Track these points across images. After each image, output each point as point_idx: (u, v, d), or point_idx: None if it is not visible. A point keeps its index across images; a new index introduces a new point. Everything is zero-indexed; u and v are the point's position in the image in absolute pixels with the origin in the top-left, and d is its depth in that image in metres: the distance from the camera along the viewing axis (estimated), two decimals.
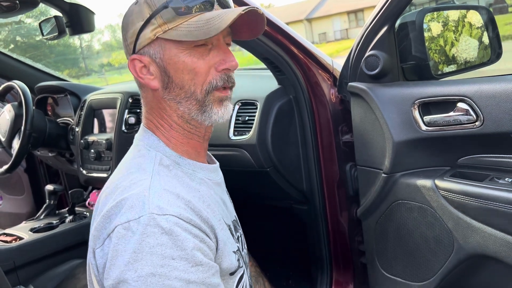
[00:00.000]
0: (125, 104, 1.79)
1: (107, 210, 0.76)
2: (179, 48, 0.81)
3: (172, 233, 0.72)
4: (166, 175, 0.81)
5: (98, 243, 0.76)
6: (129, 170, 0.82)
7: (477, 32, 1.43)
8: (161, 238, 0.71)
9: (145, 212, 0.73)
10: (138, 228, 0.71)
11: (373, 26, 1.26)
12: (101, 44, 35.46)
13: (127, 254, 0.71)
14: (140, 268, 0.70)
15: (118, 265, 0.71)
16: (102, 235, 0.76)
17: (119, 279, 0.71)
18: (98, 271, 0.76)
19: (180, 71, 0.81)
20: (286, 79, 1.47)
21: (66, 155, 2.16)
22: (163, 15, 0.79)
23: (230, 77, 0.85)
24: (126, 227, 0.72)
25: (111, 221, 0.75)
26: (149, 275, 0.70)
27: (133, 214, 0.73)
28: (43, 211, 1.93)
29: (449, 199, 1.13)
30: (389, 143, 1.22)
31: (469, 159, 1.17)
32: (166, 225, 0.72)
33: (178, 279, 0.71)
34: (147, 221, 0.72)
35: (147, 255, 0.70)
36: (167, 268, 0.71)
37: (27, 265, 1.59)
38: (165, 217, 0.73)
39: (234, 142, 1.51)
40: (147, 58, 0.83)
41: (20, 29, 11.65)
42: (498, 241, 1.05)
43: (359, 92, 1.30)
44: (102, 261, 0.75)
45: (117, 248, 0.72)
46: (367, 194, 1.34)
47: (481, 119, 1.07)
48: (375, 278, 1.40)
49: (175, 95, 0.83)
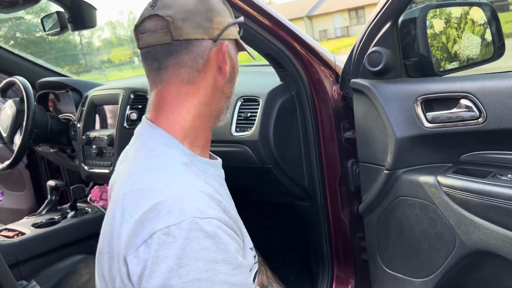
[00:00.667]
0: (127, 100, 1.79)
1: (140, 216, 0.72)
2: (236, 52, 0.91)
3: (216, 236, 0.71)
4: (190, 174, 0.79)
5: (130, 250, 0.72)
6: (151, 171, 0.78)
7: (479, 29, 1.43)
8: (205, 242, 0.70)
9: (186, 216, 0.70)
10: (180, 233, 0.69)
11: (376, 22, 1.26)
12: (101, 41, 35.40)
13: (170, 261, 0.68)
14: (185, 274, 0.68)
15: (161, 272, 0.68)
16: (135, 241, 0.72)
17: (162, 286, 0.68)
18: (130, 279, 0.72)
19: (236, 72, 0.91)
20: (288, 76, 1.47)
21: (68, 151, 2.16)
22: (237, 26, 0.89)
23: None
24: (166, 233, 0.69)
25: (145, 227, 0.71)
26: (195, 281, 0.68)
27: (172, 219, 0.70)
28: (44, 206, 1.93)
29: (451, 196, 1.14)
30: (391, 140, 1.23)
31: (472, 156, 1.18)
32: (210, 228, 0.71)
33: (222, 283, 0.70)
34: (189, 225, 0.70)
35: (191, 261, 0.68)
36: (212, 273, 0.69)
37: (29, 260, 1.59)
38: (207, 220, 0.71)
39: (236, 138, 1.51)
40: (226, 50, 0.86)
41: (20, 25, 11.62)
42: (500, 237, 1.06)
43: (361, 89, 1.30)
44: (137, 269, 0.71)
45: (158, 255, 0.69)
46: (369, 191, 1.35)
47: (484, 116, 1.08)
48: (376, 274, 1.40)
49: (229, 91, 0.89)
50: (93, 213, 1.84)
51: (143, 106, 1.78)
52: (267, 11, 1.32)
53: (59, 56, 16.81)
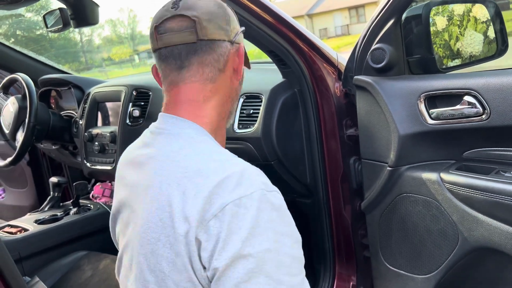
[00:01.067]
0: (129, 97, 1.79)
1: (208, 193, 0.72)
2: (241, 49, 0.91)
3: (280, 209, 0.74)
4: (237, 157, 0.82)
5: (200, 228, 0.71)
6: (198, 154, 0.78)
7: (482, 26, 1.43)
8: (272, 214, 0.72)
9: (256, 188, 0.73)
10: (253, 204, 0.71)
11: (380, 19, 1.26)
12: (102, 39, 35.36)
13: (243, 231, 0.69)
14: (258, 243, 0.69)
15: (235, 242, 0.69)
16: (204, 218, 0.71)
17: (236, 256, 0.69)
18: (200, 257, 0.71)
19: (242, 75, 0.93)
20: (291, 72, 1.47)
21: (70, 148, 2.16)
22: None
23: None
24: (238, 204, 0.71)
25: (213, 202, 0.71)
26: (266, 251, 0.69)
27: (243, 191, 0.72)
28: (47, 203, 1.94)
29: (455, 192, 1.14)
30: (394, 136, 1.23)
31: (475, 153, 1.18)
32: (276, 201, 0.74)
33: (287, 255, 0.72)
34: (259, 196, 0.72)
35: (263, 230, 0.70)
36: (279, 244, 0.71)
37: (32, 256, 1.60)
38: (273, 193, 0.74)
39: (239, 135, 1.51)
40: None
41: (20, 22, 11.61)
42: (503, 234, 1.06)
43: (364, 85, 1.30)
44: (209, 244, 0.71)
45: (231, 226, 0.70)
46: (372, 188, 1.35)
47: (487, 112, 1.08)
48: (378, 271, 1.41)
49: (238, 92, 0.93)
50: (95, 210, 1.85)
51: (145, 103, 1.79)
52: (270, 7, 1.32)
53: (59, 53, 16.80)
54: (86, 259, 1.55)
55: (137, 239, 0.79)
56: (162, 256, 0.75)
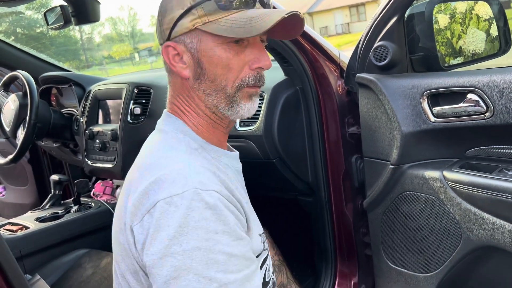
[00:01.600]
0: (131, 94, 1.79)
1: (145, 186, 0.76)
2: (216, 41, 0.81)
3: (216, 208, 0.73)
4: (197, 155, 0.83)
5: (136, 220, 0.76)
6: (160, 150, 0.83)
7: (484, 24, 1.42)
8: (205, 213, 0.72)
9: (189, 187, 0.73)
10: (183, 203, 0.72)
11: (383, 16, 1.25)
12: (102, 37, 35.32)
13: (171, 229, 0.71)
14: (185, 242, 0.70)
15: (162, 239, 0.71)
16: (140, 211, 0.75)
17: (163, 254, 0.71)
18: (136, 247, 0.76)
19: (214, 65, 0.82)
20: (293, 70, 1.47)
21: (70, 145, 2.16)
22: (205, 6, 0.79)
23: (262, 76, 0.85)
24: (169, 202, 0.72)
25: (149, 197, 0.75)
26: (195, 249, 0.70)
27: (176, 189, 0.73)
28: (48, 201, 1.93)
29: (458, 191, 1.14)
30: (397, 134, 1.22)
31: (478, 151, 1.17)
32: (210, 200, 0.73)
33: (221, 253, 0.72)
34: (191, 195, 0.72)
35: (192, 229, 0.71)
36: (212, 242, 0.71)
37: (33, 254, 1.59)
38: (208, 192, 0.74)
39: (241, 133, 1.51)
40: (182, 47, 0.83)
41: (20, 20, 11.59)
42: (506, 232, 1.06)
43: (367, 83, 1.30)
44: (141, 237, 0.74)
45: (159, 223, 0.72)
46: (374, 186, 1.34)
47: (491, 110, 1.07)
48: (380, 269, 1.40)
49: (206, 87, 0.84)
50: (96, 208, 1.84)
51: (146, 100, 1.78)
52: (272, 5, 1.31)
53: (59, 51, 16.78)
54: (87, 257, 1.55)
55: (113, 227, 0.85)
56: (119, 243, 0.81)
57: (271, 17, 0.78)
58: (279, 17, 0.78)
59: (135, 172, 0.82)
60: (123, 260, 0.81)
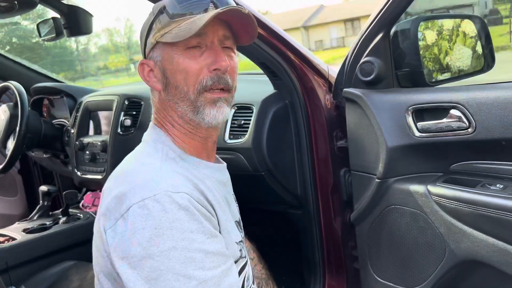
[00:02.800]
0: (121, 106, 1.80)
1: (118, 191, 0.78)
2: (174, 50, 0.85)
3: (188, 208, 0.76)
4: (173, 164, 0.85)
5: (109, 224, 0.78)
6: (137, 158, 0.86)
7: (470, 41, 1.45)
8: (179, 214, 0.74)
9: (160, 190, 0.75)
10: (155, 205, 0.74)
11: (369, 33, 1.28)
12: (98, 48, 35.38)
13: (147, 231, 0.73)
14: (162, 243, 0.72)
15: (139, 242, 0.73)
16: (113, 215, 0.77)
17: (142, 256, 0.72)
18: (109, 250, 0.78)
19: (174, 72, 0.86)
20: (282, 84, 1.49)
21: (61, 156, 2.15)
22: (161, 20, 0.85)
23: (222, 78, 0.86)
24: (142, 206, 0.75)
25: (123, 202, 0.76)
26: (171, 249, 0.72)
27: (147, 193, 0.75)
28: (36, 212, 1.92)
29: (442, 205, 1.15)
30: (382, 149, 1.24)
31: (462, 165, 1.19)
32: (182, 201, 0.76)
33: (198, 251, 0.74)
34: (163, 198, 0.75)
35: (167, 230, 0.73)
36: (187, 241, 0.73)
37: (19, 265, 1.58)
38: (179, 195, 0.76)
39: (229, 145, 1.51)
40: (151, 62, 0.89)
41: (16, 30, 11.60)
42: (489, 246, 1.07)
43: (354, 98, 1.31)
44: (113, 241, 0.76)
45: (135, 226, 0.74)
46: (361, 199, 1.35)
47: (473, 126, 1.09)
48: (367, 282, 1.41)
49: (173, 96, 0.88)
50: (85, 219, 1.83)
51: (137, 112, 1.79)
52: (262, 21, 1.33)
53: (55, 62, 16.78)
54: (74, 269, 1.54)
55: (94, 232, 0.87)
56: (96, 246, 0.84)
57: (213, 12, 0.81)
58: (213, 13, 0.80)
59: (112, 178, 0.85)
60: (98, 262, 0.83)
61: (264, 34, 1.35)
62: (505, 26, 13.66)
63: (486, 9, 19.10)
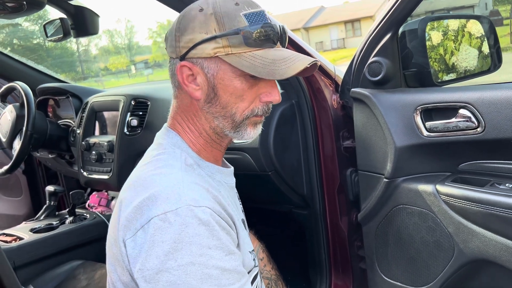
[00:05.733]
0: (128, 106, 1.80)
1: (139, 202, 0.77)
2: (234, 73, 0.83)
3: (209, 224, 0.75)
4: (192, 172, 0.84)
5: (129, 234, 0.77)
6: (155, 165, 0.83)
7: (476, 41, 1.46)
8: (199, 229, 0.74)
9: (182, 204, 0.75)
10: (176, 219, 0.74)
11: (377, 32, 1.28)
12: (99, 49, 35.43)
13: (166, 245, 0.73)
14: (180, 257, 0.72)
15: (157, 255, 0.73)
16: (133, 226, 0.77)
17: (158, 269, 0.72)
18: (128, 260, 0.77)
19: (229, 93, 0.84)
20: (289, 84, 1.49)
21: (66, 157, 2.16)
22: (231, 39, 0.80)
23: (270, 108, 0.89)
24: (163, 219, 0.74)
25: (143, 213, 0.76)
26: (189, 264, 0.72)
27: (169, 206, 0.75)
28: (43, 211, 1.93)
29: (450, 204, 1.15)
30: (391, 148, 1.24)
31: (470, 165, 1.19)
32: (203, 216, 0.75)
33: (215, 268, 0.74)
34: (185, 212, 0.74)
35: (186, 245, 0.73)
36: (205, 257, 0.73)
37: (27, 265, 1.59)
38: (201, 209, 0.76)
39: (237, 145, 1.52)
40: (197, 69, 0.84)
41: (17, 32, 11.62)
42: (498, 245, 1.07)
43: (362, 98, 1.32)
44: (133, 252, 0.76)
45: (154, 239, 0.73)
46: (368, 199, 1.36)
47: (482, 125, 1.09)
48: (374, 282, 1.41)
49: (215, 111, 0.86)
50: (91, 219, 1.84)
51: (143, 112, 1.79)
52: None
53: (56, 63, 16.80)
54: (82, 268, 1.54)
55: (108, 237, 0.87)
56: (112, 253, 0.83)
57: (295, 64, 0.81)
58: (303, 66, 0.81)
59: (131, 185, 0.84)
60: (115, 270, 0.83)
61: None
62: (506, 27, 13.68)
63: (486, 11, 19.13)
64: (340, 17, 33.29)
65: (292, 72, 0.81)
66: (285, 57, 0.82)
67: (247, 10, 0.82)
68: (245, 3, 0.83)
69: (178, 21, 0.85)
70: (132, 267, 0.76)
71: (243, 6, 0.82)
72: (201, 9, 0.83)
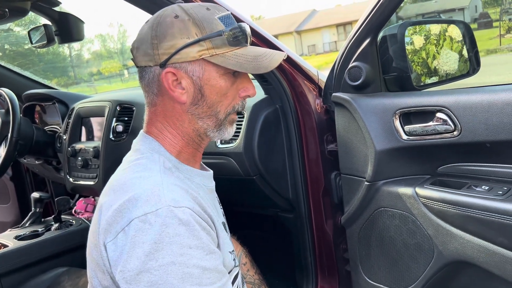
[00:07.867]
0: (113, 112, 1.80)
1: (119, 205, 0.78)
2: (218, 72, 0.86)
3: (189, 223, 0.77)
4: (171, 175, 0.85)
5: (109, 237, 0.78)
6: (134, 169, 0.85)
7: (457, 45, 1.48)
8: (179, 229, 0.75)
9: (162, 205, 0.76)
10: (157, 220, 0.75)
11: (356, 38, 1.30)
12: (91, 53, 35.30)
13: (146, 245, 0.74)
14: (161, 257, 0.73)
15: (138, 256, 0.74)
16: (114, 229, 0.77)
17: (139, 270, 0.73)
18: (110, 264, 0.78)
19: (215, 93, 0.87)
20: (273, 89, 1.50)
21: (53, 163, 2.15)
22: (214, 41, 0.84)
23: (245, 105, 0.94)
24: (143, 220, 0.75)
25: (124, 215, 0.77)
26: (170, 264, 0.73)
27: (150, 207, 0.76)
28: (28, 218, 1.92)
29: (429, 207, 1.17)
30: (371, 152, 1.26)
31: (448, 168, 1.21)
32: (183, 216, 0.76)
33: (196, 267, 0.75)
34: (165, 212, 0.75)
35: (167, 245, 0.74)
36: (186, 257, 0.74)
37: (11, 272, 1.58)
38: (181, 209, 0.77)
39: (221, 150, 1.53)
40: (182, 73, 0.85)
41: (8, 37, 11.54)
42: (475, 247, 1.08)
43: (342, 102, 1.33)
44: (114, 254, 0.77)
45: (135, 240, 0.74)
46: (351, 202, 1.37)
47: (459, 129, 1.11)
48: (358, 284, 1.42)
49: (201, 112, 0.88)
50: (77, 225, 1.83)
51: (129, 118, 1.80)
52: (252, 26, 1.35)
53: (47, 68, 16.70)
54: (67, 275, 1.54)
55: (88, 242, 0.87)
56: (93, 258, 0.84)
57: (274, 58, 0.90)
58: (281, 59, 0.90)
59: (110, 190, 0.84)
60: (96, 275, 0.83)
61: (254, 39, 1.37)
62: (495, 29, 13.82)
63: (476, 13, 19.32)
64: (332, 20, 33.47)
65: (275, 64, 0.89)
66: (263, 52, 0.89)
67: (219, 14, 0.87)
68: (214, 8, 0.87)
69: (153, 28, 0.85)
70: (114, 270, 0.77)
71: (214, 10, 0.87)
72: (176, 15, 0.84)
